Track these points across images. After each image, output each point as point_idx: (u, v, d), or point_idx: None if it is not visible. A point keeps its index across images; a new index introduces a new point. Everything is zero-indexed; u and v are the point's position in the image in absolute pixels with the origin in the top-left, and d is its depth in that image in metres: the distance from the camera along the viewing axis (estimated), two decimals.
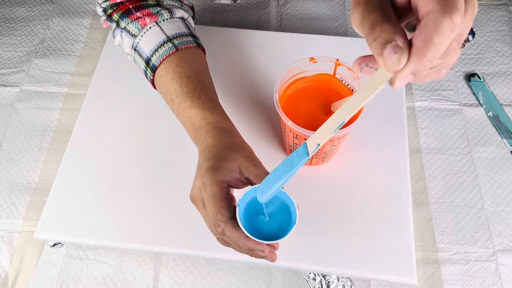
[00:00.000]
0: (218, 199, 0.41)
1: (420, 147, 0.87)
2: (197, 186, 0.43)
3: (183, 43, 0.53)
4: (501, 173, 0.84)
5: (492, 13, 1.05)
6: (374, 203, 0.58)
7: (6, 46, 1.02)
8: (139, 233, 0.57)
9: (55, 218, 0.58)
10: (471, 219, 0.79)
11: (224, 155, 0.44)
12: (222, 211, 0.40)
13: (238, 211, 0.40)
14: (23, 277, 0.75)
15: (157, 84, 0.54)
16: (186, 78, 0.51)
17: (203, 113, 0.49)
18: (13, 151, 0.88)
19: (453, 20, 0.25)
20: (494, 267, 0.74)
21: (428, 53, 0.25)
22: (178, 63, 0.52)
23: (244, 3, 1.08)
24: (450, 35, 0.25)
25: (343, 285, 0.68)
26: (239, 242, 0.41)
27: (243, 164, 0.44)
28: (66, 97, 0.95)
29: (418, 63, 0.26)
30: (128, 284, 0.74)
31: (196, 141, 0.49)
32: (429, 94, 0.93)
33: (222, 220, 0.40)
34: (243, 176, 0.43)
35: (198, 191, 0.43)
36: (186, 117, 0.50)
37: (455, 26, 0.25)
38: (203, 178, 0.42)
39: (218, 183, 0.41)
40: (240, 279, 0.74)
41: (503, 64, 0.97)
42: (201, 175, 0.42)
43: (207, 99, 0.50)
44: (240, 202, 0.40)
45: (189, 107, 0.49)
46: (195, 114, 0.49)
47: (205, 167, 0.43)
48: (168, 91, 0.51)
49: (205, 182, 0.41)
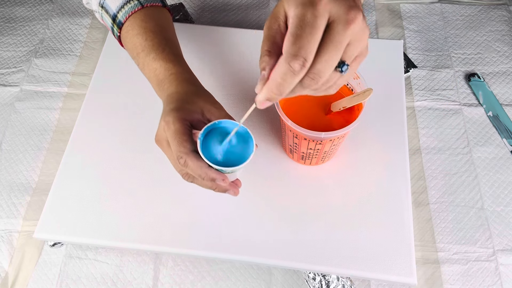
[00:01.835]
0: (180, 134, 0.43)
1: (420, 147, 0.87)
2: (161, 127, 0.45)
3: (149, 1, 0.55)
4: (501, 173, 0.84)
5: (492, 13, 1.05)
6: (374, 203, 0.58)
7: (6, 46, 1.02)
8: (139, 233, 0.57)
9: (54, 218, 0.58)
10: (471, 219, 0.79)
11: (187, 99, 0.47)
12: (185, 144, 0.43)
13: (199, 144, 0.43)
14: (23, 277, 0.75)
15: (123, 40, 0.56)
16: (151, 33, 0.54)
17: (167, 65, 0.52)
18: (13, 151, 0.88)
19: (292, 66, 0.31)
20: (494, 267, 0.74)
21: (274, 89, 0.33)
22: (144, 19, 0.54)
23: (244, 3, 1.08)
24: (293, 77, 0.32)
25: (343, 284, 0.68)
26: (200, 172, 0.43)
27: (205, 106, 0.47)
28: (66, 97, 0.95)
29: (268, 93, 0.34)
30: (128, 283, 0.74)
31: (160, 93, 0.51)
32: (429, 94, 0.93)
33: (185, 152, 0.43)
34: (205, 118, 0.46)
35: (162, 130, 0.45)
36: (150, 70, 0.52)
37: (295, 71, 0.31)
38: (166, 118, 0.44)
39: (181, 120, 0.44)
40: (240, 278, 0.74)
41: (503, 64, 0.97)
42: (164, 116, 0.45)
43: (171, 52, 0.53)
44: (200, 135, 0.43)
45: (153, 60, 0.52)
46: (159, 66, 0.52)
47: (168, 109, 0.45)
48: (133, 45, 0.54)
49: (168, 120, 0.44)
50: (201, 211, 0.58)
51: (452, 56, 0.99)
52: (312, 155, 0.56)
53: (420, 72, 0.96)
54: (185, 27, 0.76)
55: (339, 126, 0.49)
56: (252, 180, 0.60)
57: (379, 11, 1.06)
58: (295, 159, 0.61)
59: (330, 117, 0.55)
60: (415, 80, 0.95)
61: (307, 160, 0.59)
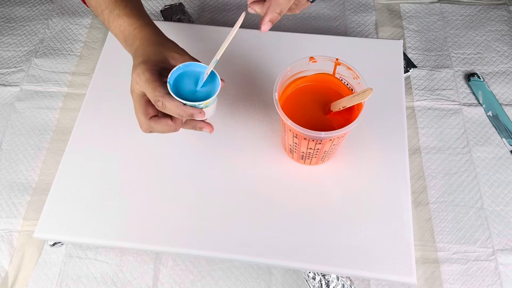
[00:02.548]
0: (152, 81, 0.48)
1: (419, 147, 0.87)
2: (133, 80, 0.49)
3: None
4: (500, 172, 0.84)
5: (491, 12, 1.05)
6: (374, 202, 0.58)
7: (6, 46, 1.02)
8: (139, 232, 0.57)
9: (54, 218, 0.59)
10: (471, 218, 0.79)
11: (152, 50, 0.51)
12: (159, 89, 0.47)
13: (169, 87, 0.48)
14: (23, 277, 0.75)
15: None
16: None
17: (130, 19, 0.54)
18: (13, 150, 0.88)
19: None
20: (493, 267, 0.74)
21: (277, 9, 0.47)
22: None
23: (244, 3, 1.08)
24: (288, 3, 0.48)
25: (343, 284, 0.68)
26: (178, 110, 0.48)
27: (169, 54, 0.51)
28: (66, 97, 0.95)
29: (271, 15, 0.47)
30: (127, 283, 0.74)
31: (128, 48, 0.54)
32: (428, 93, 0.93)
33: (160, 95, 0.47)
34: (171, 65, 0.51)
35: (135, 83, 0.49)
36: (116, 26, 0.55)
37: None
38: (137, 70, 0.48)
39: (149, 70, 0.48)
40: (239, 278, 0.74)
41: (503, 63, 0.97)
42: (134, 70, 0.49)
43: (133, 7, 0.56)
44: (168, 80, 0.49)
45: (117, 16, 0.55)
46: (123, 22, 0.54)
47: (136, 63, 0.49)
48: (97, 2, 0.56)
49: (138, 73, 0.48)
50: (201, 211, 0.58)
51: (451, 56, 0.99)
52: (312, 154, 0.56)
53: (420, 72, 0.96)
54: (185, 27, 0.76)
55: (339, 126, 0.49)
56: (252, 180, 0.60)
57: (379, 11, 1.06)
58: (295, 159, 0.61)
59: (330, 117, 0.55)
60: (415, 80, 0.95)
61: (307, 160, 0.59)
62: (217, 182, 0.60)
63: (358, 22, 1.05)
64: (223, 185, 0.60)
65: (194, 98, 0.50)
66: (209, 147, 0.63)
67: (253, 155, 0.62)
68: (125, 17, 0.54)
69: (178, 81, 0.51)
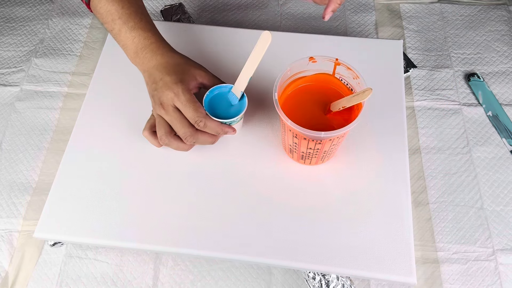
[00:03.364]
0: (192, 102, 0.52)
1: (419, 147, 0.87)
2: (169, 97, 0.52)
3: None
4: (500, 172, 0.84)
5: (491, 12, 1.06)
6: (374, 202, 0.58)
7: (6, 46, 1.02)
8: (139, 232, 0.57)
9: (54, 218, 0.59)
10: (471, 218, 0.79)
11: (182, 69, 0.55)
12: (200, 110, 0.53)
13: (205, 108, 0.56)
14: (23, 277, 0.75)
15: (94, 4, 0.58)
16: (126, 1, 0.57)
17: (145, 34, 0.56)
18: (13, 150, 0.88)
19: None
20: (493, 267, 0.74)
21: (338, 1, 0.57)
22: None
23: (243, 3, 1.08)
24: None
25: (343, 284, 0.68)
26: (218, 128, 0.55)
27: (196, 72, 0.56)
28: (66, 97, 0.95)
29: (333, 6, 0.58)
30: (128, 283, 0.74)
31: (141, 60, 0.56)
32: (428, 93, 0.93)
33: (202, 116, 0.53)
34: (198, 82, 0.57)
35: (171, 100, 0.52)
36: (127, 38, 0.56)
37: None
38: (175, 89, 0.52)
39: (188, 90, 0.52)
40: (239, 278, 0.74)
41: (503, 63, 0.97)
42: (169, 87, 0.52)
43: (148, 22, 0.58)
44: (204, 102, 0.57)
45: (131, 29, 0.56)
46: (138, 34, 0.56)
47: (170, 80, 0.53)
48: (108, 11, 0.56)
49: (178, 92, 0.52)
50: (201, 211, 0.58)
51: (451, 56, 0.99)
52: (311, 154, 0.56)
53: (419, 72, 0.96)
54: (185, 27, 0.76)
55: (338, 126, 0.49)
56: (252, 180, 0.60)
57: (379, 11, 1.06)
58: (294, 158, 0.61)
59: (329, 117, 0.55)
60: (414, 80, 0.95)
61: (306, 160, 0.59)
62: (217, 182, 0.60)
63: (358, 22, 1.05)
64: (223, 185, 0.60)
65: (228, 115, 0.57)
66: (209, 147, 0.63)
67: (253, 155, 0.62)
68: (141, 31, 0.56)
69: (211, 102, 0.58)
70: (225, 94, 0.59)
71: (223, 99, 0.58)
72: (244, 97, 0.58)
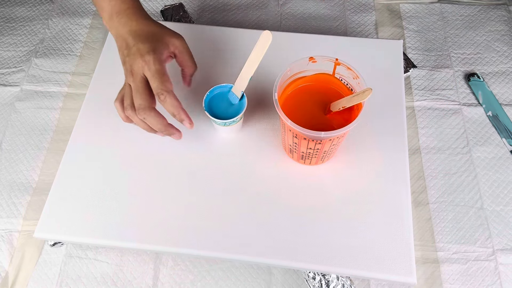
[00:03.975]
0: (161, 73, 0.50)
1: (419, 147, 0.87)
2: (139, 65, 0.51)
3: None
4: (500, 172, 0.84)
5: (491, 12, 1.06)
6: (374, 202, 0.58)
7: (6, 46, 1.02)
8: (139, 232, 0.57)
9: (55, 218, 0.59)
10: (471, 218, 0.79)
11: (156, 38, 0.53)
12: (166, 84, 0.50)
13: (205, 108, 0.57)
14: (23, 277, 0.75)
15: None
16: None
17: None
18: (13, 150, 0.88)
19: None
20: (493, 267, 0.74)
21: None
22: None
23: (243, 3, 1.08)
24: None
25: (343, 284, 0.68)
26: (174, 110, 0.51)
27: (170, 41, 0.55)
28: (66, 97, 0.95)
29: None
30: (128, 283, 0.74)
31: (115, 24, 0.55)
32: (428, 93, 0.93)
33: (166, 90, 0.50)
34: (171, 51, 0.55)
35: (141, 69, 0.51)
36: (104, 0, 0.55)
37: None
38: (146, 58, 0.50)
39: (160, 61, 0.51)
40: (240, 278, 0.74)
41: (503, 63, 0.97)
42: (141, 55, 0.51)
43: None
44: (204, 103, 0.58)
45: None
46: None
47: (143, 48, 0.51)
48: None
49: (149, 60, 0.50)
50: (201, 211, 0.58)
51: (451, 56, 0.99)
52: (311, 154, 0.56)
53: (419, 72, 0.96)
54: (185, 27, 0.76)
55: (338, 126, 0.49)
56: (252, 180, 0.60)
57: (379, 11, 1.07)
58: (294, 158, 0.61)
59: (329, 117, 0.55)
60: (414, 80, 0.95)
61: (306, 160, 0.59)
62: (217, 182, 0.60)
63: (358, 22, 1.05)
64: (223, 185, 0.60)
65: (228, 115, 0.57)
66: (209, 147, 0.63)
67: (253, 155, 0.62)
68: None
69: (211, 102, 0.59)
70: (225, 94, 0.59)
71: (223, 99, 0.59)
72: (244, 97, 0.58)
